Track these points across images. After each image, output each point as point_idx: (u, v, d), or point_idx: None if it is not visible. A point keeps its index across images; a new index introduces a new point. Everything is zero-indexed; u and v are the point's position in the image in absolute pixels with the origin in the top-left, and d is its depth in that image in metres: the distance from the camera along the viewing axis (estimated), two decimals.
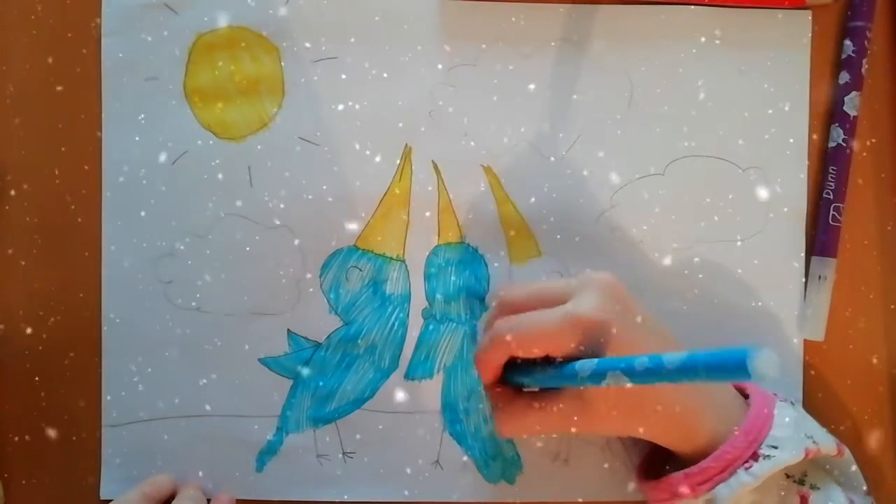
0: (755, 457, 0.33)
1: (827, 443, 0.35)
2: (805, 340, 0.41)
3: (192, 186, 0.41)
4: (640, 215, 0.41)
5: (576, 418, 0.33)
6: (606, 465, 0.41)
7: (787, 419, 0.34)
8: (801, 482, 0.35)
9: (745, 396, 0.36)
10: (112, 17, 0.41)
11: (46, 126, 0.41)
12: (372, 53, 0.41)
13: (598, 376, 0.30)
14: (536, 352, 0.33)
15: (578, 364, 0.31)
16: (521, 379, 0.35)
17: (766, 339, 0.41)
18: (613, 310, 0.33)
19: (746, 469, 0.33)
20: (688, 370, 0.26)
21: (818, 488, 0.35)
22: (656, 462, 0.38)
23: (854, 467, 0.36)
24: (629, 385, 0.29)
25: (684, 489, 0.34)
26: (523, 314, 0.34)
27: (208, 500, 0.40)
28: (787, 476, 0.35)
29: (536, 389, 0.36)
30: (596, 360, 0.31)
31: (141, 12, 0.41)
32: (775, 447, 0.33)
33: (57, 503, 0.41)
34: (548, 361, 0.33)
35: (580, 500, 0.41)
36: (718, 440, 0.33)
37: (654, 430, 0.34)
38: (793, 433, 0.34)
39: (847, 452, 0.36)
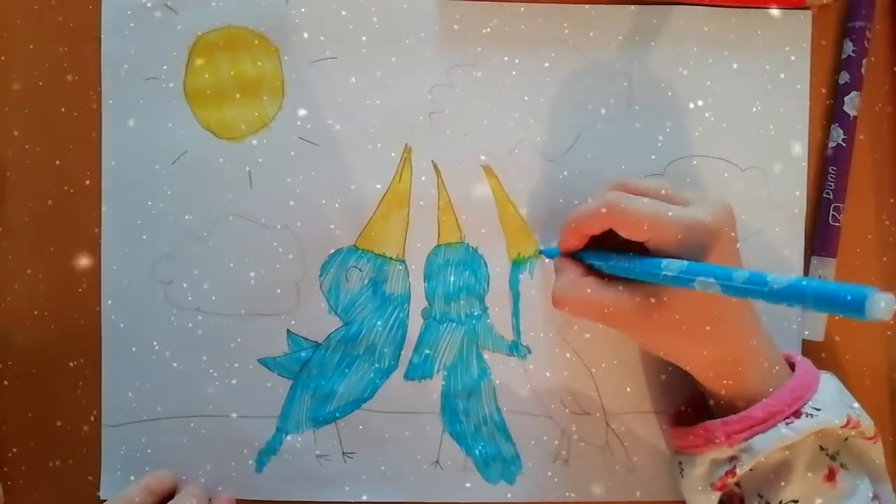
0: (797, 414, 0.33)
1: (867, 421, 0.35)
2: (805, 340, 0.41)
3: (192, 187, 0.41)
4: None
5: (641, 315, 0.33)
6: (606, 465, 0.41)
7: (831, 388, 0.35)
8: (833, 458, 0.35)
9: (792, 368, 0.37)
10: (112, 17, 0.41)
11: (46, 125, 0.41)
12: (372, 54, 0.41)
13: (687, 278, 0.30)
14: (640, 233, 0.33)
15: (666, 261, 0.31)
16: (599, 261, 0.35)
17: None
18: (726, 226, 0.33)
19: (787, 424, 0.33)
20: (793, 293, 0.25)
21: (847, 469, 0.35)
22: (687, 415, 0.38)
23: (880, 460, 0.36)
24: (718, 292, 0.28)
25: (720, 435, 0.34)
26: (641, 196, 0.34)
27: (209, 500, 0.40)
28: (822, 448, 0.35)
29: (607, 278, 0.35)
30: (687, 262, 0.30)
31: (141, 12, 0.41)
32: (818, 409, 0.33)
33: (57, 503, 0.41)
34: (628, 255, 0.34)
35: (580, 500, 0.41)
36: (760, 393, 0.34)
37: (707, 360, 0.35)
38: (836, 399, 0.34)
39: (880, 442, 0.36)
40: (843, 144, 0.41)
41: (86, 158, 0.41)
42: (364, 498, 0.41)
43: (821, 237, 0.41)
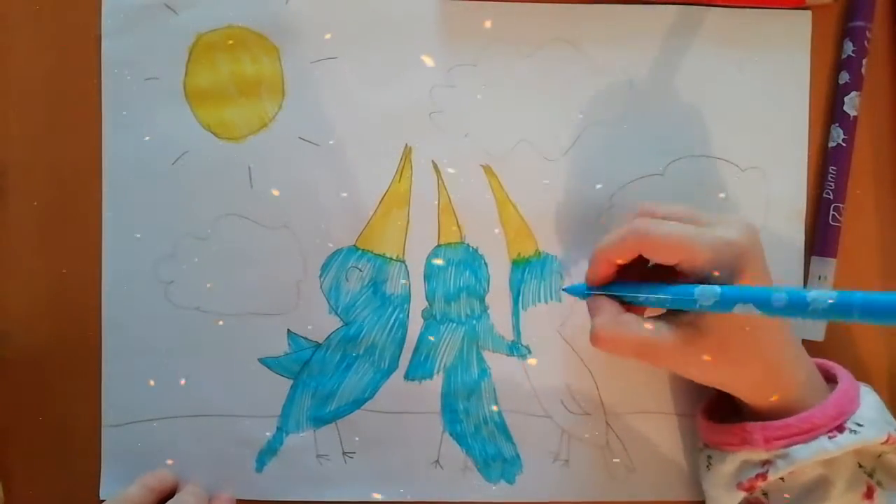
0: (840, 428, 0.33)
1: None
2: (805, 340, 0.41)
3: (193, 187, 0.41)
4: None
5: (681, 349, 0.33)
6: (606, 465, 0.41)
7: (872, 403, 0.35)
8: (871, 475, 0.35)
9: (829, 381, 0.37)
10: (112, 17, 0.41)
11: (46, 126, 0.41)
12: (372, 53, 0.41)
13: (726, 304, 0.30)
14: (669, 257, 0.33)
15: (699, 288, 0.31)
16: (630, 293, 0.35)
17: None
18: (754, 245, 0.33)
19: (830, 438, 0.33)
20: (839, 308, 0.25)
21: (884, 488, 0.35)
22: (720, 408, 0.38)
23: None
24: (758, 314, 0.28)
25: (758, 439, 0.34)
26: (668, 221, 0.34)
27: (209, 501, 0.40)
28: (860, 465, 0.35)
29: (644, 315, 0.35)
30: (721, 288, 0.30)
31: (141, 12, 0.41)
32: (861, 425, 0.33)
33: (57, 503, 0.41)
34: (660, 285, 0.34)
35: (580, 500, 0.41)
36: (796, 405, 0.34)
37: (750, 381, 0.35)
38: (877, 416, 0.34)
39: None
40: (843, 144, 0.41)
41: (86, 158, 0.41)
42: (364, 498, 0.41)
43: (821, 237, 0.41)
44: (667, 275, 0.34)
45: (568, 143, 0.41)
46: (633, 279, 0.36)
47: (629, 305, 0.36)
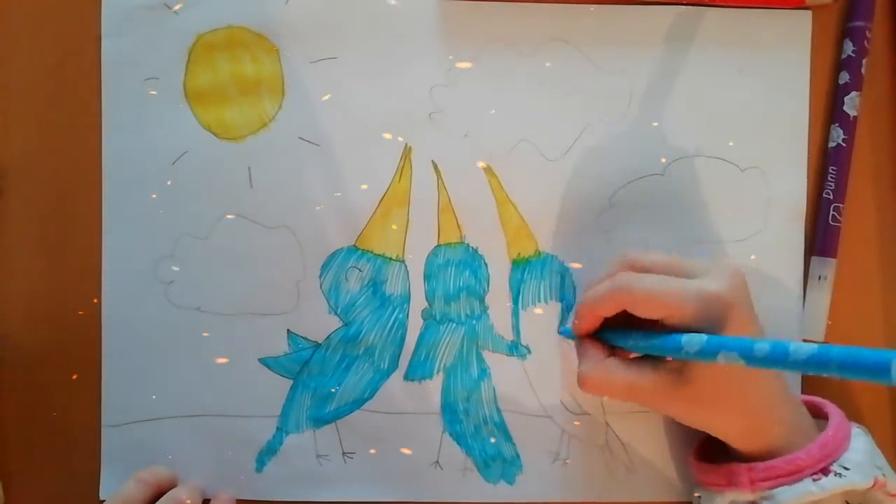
0: (826, 471, 0.33)
1: (893, 478, 0.35)
2: (805, 340, 0.41)
3: (193, 187, 0.41)
4: (640, 215, 0.41)
5: (667, 393, 0.33)
6: (606, 465, 0.41)
7: (862, 447, 0.35)
8: None
9: (821, 418, 0.37)
10: (112, 17, 0.41)
11: (46, 126, 0.41)
12: (372, 53, 0.41)
13: (710, 353, 0.30)
14: (653, 312, 0.33)
15: (685, 337, 0.31)
16: (618, 340, 0.35)
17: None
18: (739, 294, 0.33)
19: (815, 480, 0.33)
20: (817, 363, 0.26)
21: None
22: (711, 448, 0.38)
23: None
24: (741, 364, 0.28)
25: (744, 480, 0.34)
26: (651, 275, 0.34)
27: (209, 500, 0.40)
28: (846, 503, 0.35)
29: (630, 356, 0.36)
30: (706, 336, 0.30)
31: (141, 12, 0.41)
32: (847, 468, 0.33)
33: (57, 503, 0.41)
34: (644, 331, 0.34)
35: (580, 500, 0.41)
36: (783, 448, 0.34)
37: (730, 425, 0.35)
38: (865, 460, 0.34)
39: None
40: (843, 144, 0.41)
41: (86, 158, 0.41)
42: (364, 498, 0.41)
43: (821, 237, 0.41)
44: (653, 320, 0.34)
45: (568, 143, 0.41)
46: (621, 320, 0.35)
47: (616, 348, 0.36)
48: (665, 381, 0.34)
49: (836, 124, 0.41)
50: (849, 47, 0.41)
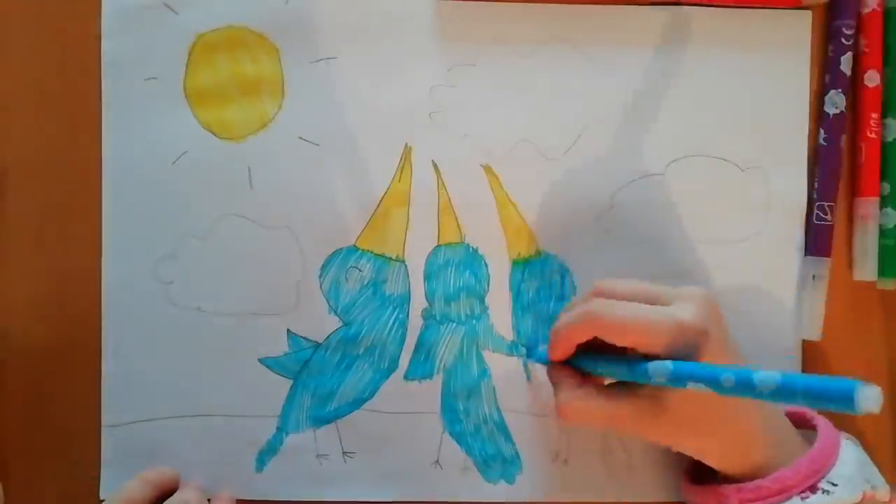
0: (813, 489, 0.33)
1: (884, 490, 0.35)
2: (803, 340, 0.41)
3: (192, 187, 0.41)
4: (640, 215, 0.41)
5: (645, 420, 0.33)
6: (606, 466, 0.41)
7: (850, 459, 0.34)
8: None
9: (809, 428, 0.36)
10: (112, 17, 0.41)
11: (46, 126, 0.41)
12: (372, 53, 0.41)
13: (678, 380, 0.30)
14: (625, 340, 0.33)
15: (651, 365, 0.31)
16: (592, 366, 0.35)
17: (764, 339, 0.41)
18: (713, 321, 0.33)
19: (803, 499, 0.33)
20: (783, 392, 0.26)
21: None
22: (703, 468, 0.38)
23: None
24: (711, 391, 0.28)
25: (733, 501, 0.34)
26: (624, 302, 0.34)
27: (209, 500, 0.40)
28: None
29: (605, 383, 0.36)
30: (673, 364, 0.31)
31: (141, 12, 0.41)
32: (835, 484, 0.33)
33: (57, 503, 0.41)
34: (618, 357, 0.34)
35: (580, 500, 0.41)
36: (769, 467, 0.34)
37: (712, 448, 0.35)
38: (854, 474, 0.34)
39: None
40: (824, 143, 0.41)
41: (86, 158, 0.41)
42: (364, 498, 0.41)
43: (812, 236, 0.41)
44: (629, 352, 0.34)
45: (568, 143, 0.41)
46: (594, 346, 0.35)
47: (589, 375, 0.36)
48: (642, 408, 0.33)
49: (824, 123, 0.41)
50: (830, 46, 0.41)
